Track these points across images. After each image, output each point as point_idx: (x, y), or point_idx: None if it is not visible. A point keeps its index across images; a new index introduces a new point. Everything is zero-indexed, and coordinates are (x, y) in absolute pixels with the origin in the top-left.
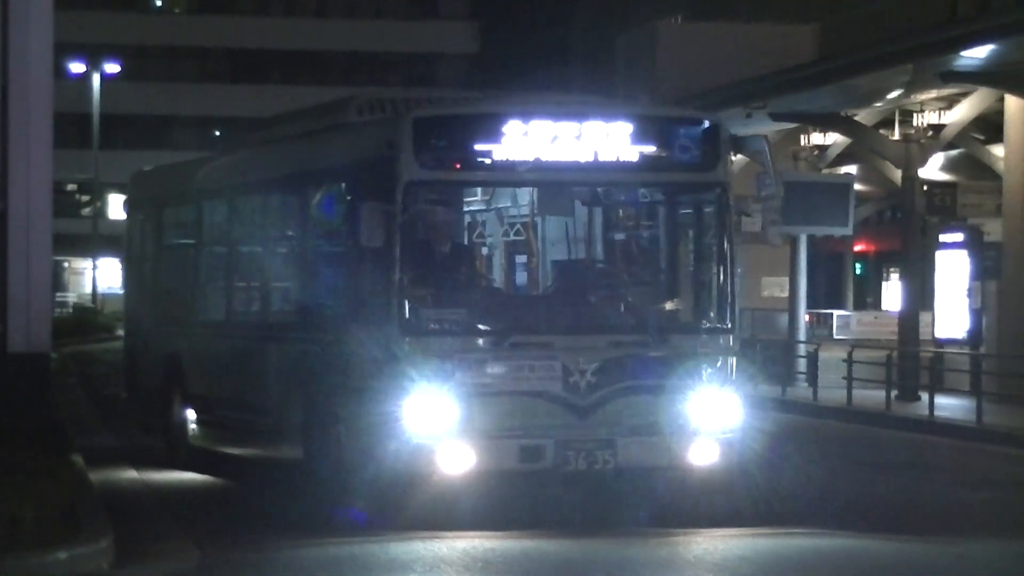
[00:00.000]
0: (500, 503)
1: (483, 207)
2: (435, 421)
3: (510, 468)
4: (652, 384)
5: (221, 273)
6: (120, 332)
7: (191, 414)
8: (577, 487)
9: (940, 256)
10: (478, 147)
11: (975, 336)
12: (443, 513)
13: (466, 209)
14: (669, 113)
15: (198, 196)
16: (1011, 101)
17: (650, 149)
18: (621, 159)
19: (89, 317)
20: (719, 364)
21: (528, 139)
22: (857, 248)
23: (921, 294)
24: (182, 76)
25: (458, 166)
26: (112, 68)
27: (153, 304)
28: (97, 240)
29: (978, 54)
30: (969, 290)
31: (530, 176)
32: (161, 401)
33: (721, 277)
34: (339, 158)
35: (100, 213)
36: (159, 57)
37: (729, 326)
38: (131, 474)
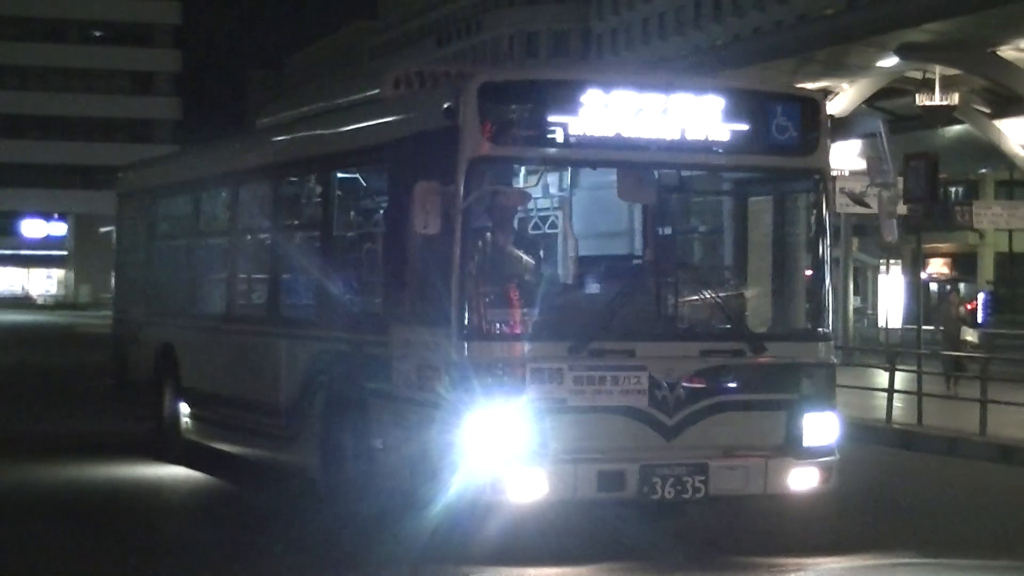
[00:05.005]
0: (575, 537)
1: (557, 190)
2: (501, 441)
3: (587, 497)
4: (747, 399)
5: (224, 264)
6: None
7: (184, 407)
8: (663, 517)
9: None
10: (552, 119)
11: None
12: (511, 550)
13: (539, 193)
14: (765, 88)
15: (199, 185)
16: None
17: (743, 128)
18: (711, 138)
19: None
20: (817, 375)
21: (609, 112)
22: None
23: None
24: None
25: (530, 141)
26: None
27: (147, 293)
28: None
29: None
30: None
31: (612, 155)
32: (154, 392)
33: (819, 277)
34: (378, 135)
35: None
36: None
37: (828, 332)
38: None
